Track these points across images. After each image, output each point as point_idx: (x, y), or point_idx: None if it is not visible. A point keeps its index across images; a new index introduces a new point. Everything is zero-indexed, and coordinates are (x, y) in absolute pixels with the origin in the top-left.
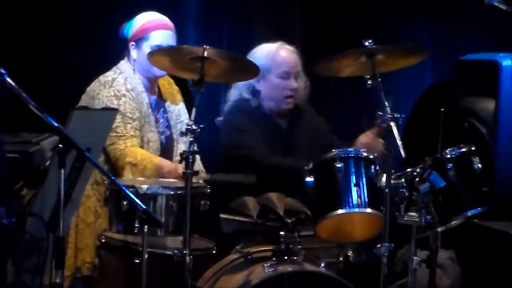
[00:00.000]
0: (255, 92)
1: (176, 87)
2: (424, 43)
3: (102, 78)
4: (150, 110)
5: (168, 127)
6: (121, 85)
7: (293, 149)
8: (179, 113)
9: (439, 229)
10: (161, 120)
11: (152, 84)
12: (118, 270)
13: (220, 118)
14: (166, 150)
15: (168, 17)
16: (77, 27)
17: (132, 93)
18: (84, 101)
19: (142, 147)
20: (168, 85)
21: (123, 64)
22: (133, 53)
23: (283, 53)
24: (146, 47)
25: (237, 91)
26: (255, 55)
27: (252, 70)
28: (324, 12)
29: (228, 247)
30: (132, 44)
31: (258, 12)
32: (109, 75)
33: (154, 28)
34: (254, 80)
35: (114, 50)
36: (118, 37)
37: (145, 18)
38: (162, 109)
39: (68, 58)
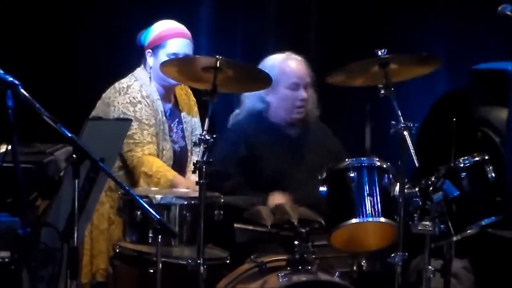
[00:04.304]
0: (265, 104)
1: (194, 99)
2: (437, 52)
3: (117, 85)
4: (164, 118)
5: (183, 137)
6: (136, 92)
7: (302, 160)
8: (195, 126)
9: (453, 238)
10: (174, 130)
11: (167, 93)
12: (132, 280)
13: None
14: (179, 160)
15: None
16: (93, 34)
17: (147, 100)
18: (99, 108)
19: (157, 154)
20: (185, 96)
21: (139, 72)
22: (150, 60)
23: (292, 64)
24: (163, 55)
25: (248, 102)
26: (263, 67)
27: (265, 80)
28: (337, 21)
29: (242, 256)
30: (149, 52)
31: (270, 22)
32: (124, 82)
33: (170, 36)
34: (264, 92)
35: (130, 58)
36: (134, 45)
37: (162, 26)
38: (177, 119)
39: (85, 65)
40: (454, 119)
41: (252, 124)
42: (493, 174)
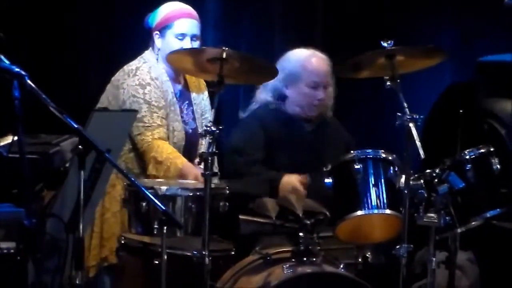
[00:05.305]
0: (282, 97)
1: (204, 81)
2: (444, 44)
3: (126, 67)
4: (175, 99)
5: (194, 119)
6: (145, 74)
7: (317, 152)
8: (205, 108)
9: (458, 230)
10: (185, 111)
11: (176, 74)
12: (137, 271)
13: (243, 114)
14: (191, 142)
15: None
16: (99, 22)
17: (157, 82)
18: (109, 91)
19: (168, 136)
20: (195, 77)
21: (147, 54)
22: (157, 42)
23: (315, 63)
24: (170, 36)
25: (265, 93)
26: (286, 61)
27: (270, 72)
28: (343, 13)
29: (247, 248)
30: (156, 33)
31: (277, 14)
32: (133, 64)
33: (178, 17)
34: (283, 85)
35: (139, 41)
36: (142, 28)
37: (169, 8)
38: (187, 101)
39: (91, 55)
40: (461, 111)
41: (268, 116)
42: (498, 166)
